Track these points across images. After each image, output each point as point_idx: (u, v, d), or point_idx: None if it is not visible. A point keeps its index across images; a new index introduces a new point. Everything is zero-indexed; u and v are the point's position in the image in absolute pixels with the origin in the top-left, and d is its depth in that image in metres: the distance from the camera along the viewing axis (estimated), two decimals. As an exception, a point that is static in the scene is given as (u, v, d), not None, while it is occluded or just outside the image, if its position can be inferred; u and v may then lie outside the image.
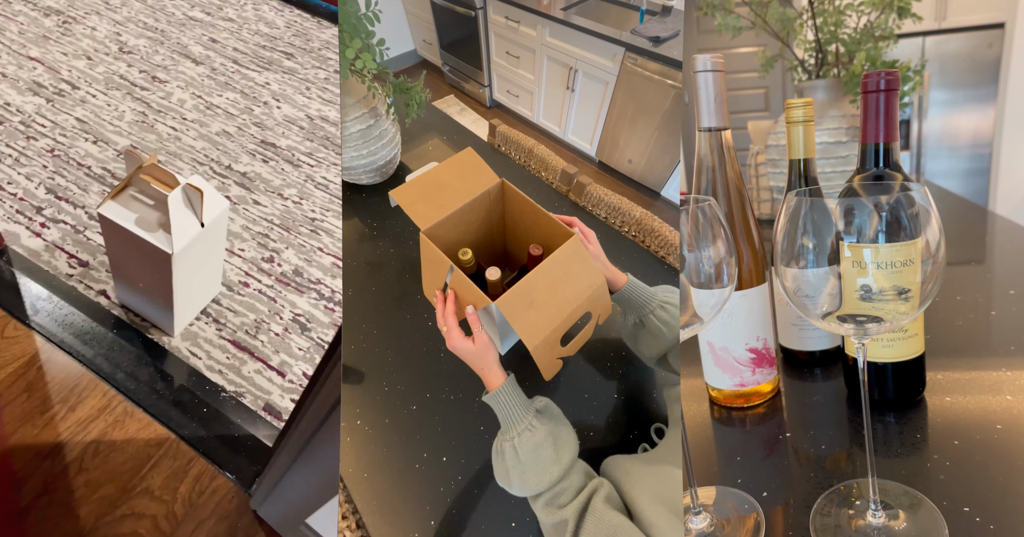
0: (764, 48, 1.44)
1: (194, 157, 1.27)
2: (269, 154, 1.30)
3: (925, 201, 0.52)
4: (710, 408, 0.82)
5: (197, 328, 1.01)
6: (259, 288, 1.04)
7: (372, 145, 1.17)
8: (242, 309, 1.02)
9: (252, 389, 0.96)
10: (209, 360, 0.98)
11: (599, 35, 1.91)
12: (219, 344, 0.99)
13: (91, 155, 1.24)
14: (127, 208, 0.86)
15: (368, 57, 1.04)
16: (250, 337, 1.00)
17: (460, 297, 0.77)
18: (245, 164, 1.26)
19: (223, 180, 1.21)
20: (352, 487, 0.79)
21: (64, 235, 1.09)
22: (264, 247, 1.11)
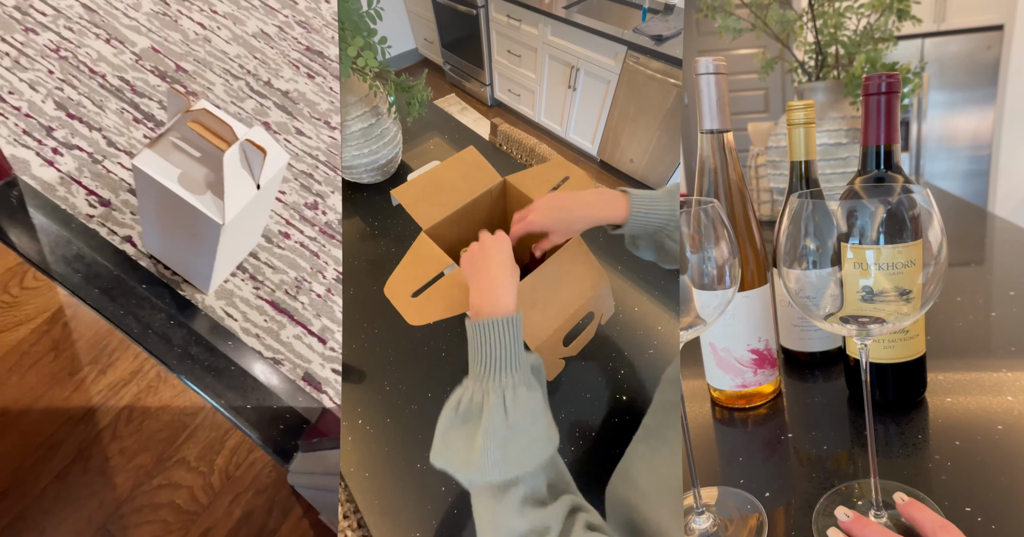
0: (764, 50, 1.44)
1: (227, 67, 1.04)
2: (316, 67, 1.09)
3: (927, 203, 0.52)
4: (712, 409, 0.82)
5: (233, 285, 0.90)
6: (300, 240, 0.93)
7: (373, 144, 1.17)
8: (281, 265, 0.91)
9: (291, 356, 0.87)
10: (246, 322, 0.88)
11: (601, 34, 1.91)
12: (256, 305, 0.89)
13: (104, 58, 1.01)
14: (168, 160, 0.71)
15: (370, 55, 1.04)
16: (290, 298, 0.90)
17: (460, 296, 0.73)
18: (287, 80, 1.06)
19: (261, 101, 1.03)
20: (353, 486, 0.79)
21: (80, 165, 0.92)
22: (308, 190, 0.97)
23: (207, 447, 1.55)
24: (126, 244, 0.90)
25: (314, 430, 0.87)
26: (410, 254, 0.79)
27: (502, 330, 0.55)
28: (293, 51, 1.12)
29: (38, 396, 1.55)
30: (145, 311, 0.87)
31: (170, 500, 1.49)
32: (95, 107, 0.98)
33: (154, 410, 1.58)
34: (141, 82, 1.02)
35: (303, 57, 1.12)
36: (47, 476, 1.47)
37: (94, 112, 0.98)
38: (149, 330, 0.86)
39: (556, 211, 0.71)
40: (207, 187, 0.71)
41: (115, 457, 1.52)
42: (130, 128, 0.98)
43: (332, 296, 0.94)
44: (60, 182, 0.92)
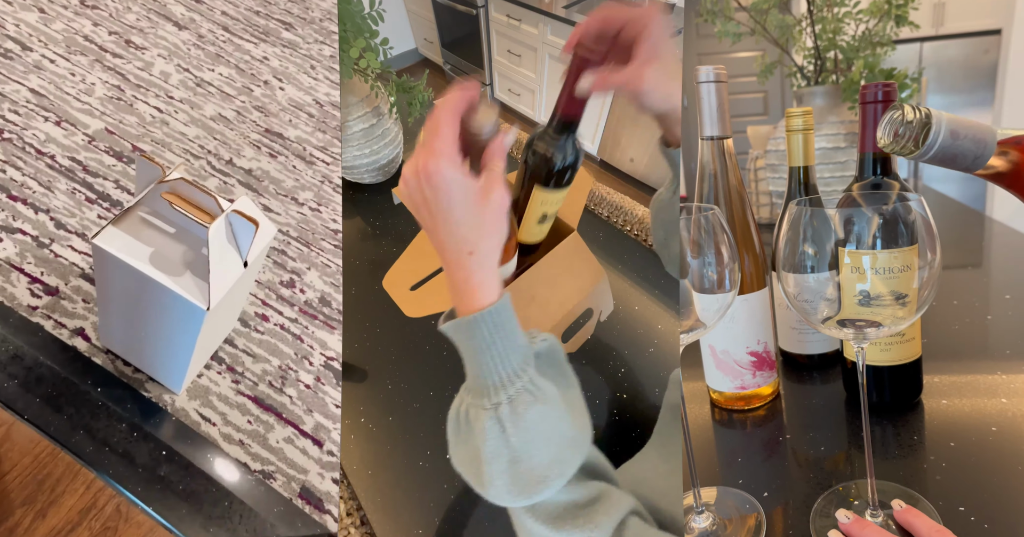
0: (763, 54, 1.46)
1: (186, 148, 0.98)
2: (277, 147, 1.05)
3: (922, 209, 0.53)
4: (711, 410, 0.83)
5: (208, 380, 0.76)
6: (280, 323, 0.84)
7: (375, 144, 1.18)
8: (262, 352, 0.80)
9: (283, 466, 0.74)
10: (226, 426, 0.75)
11: (601, 34, 1.91)
12: (237, 402, 0.76)
13: (53, 139, 0.92)
14: (136, 238, 0.61)
15: (372, 56, 1.04)
16: (275, 391, 0.78)
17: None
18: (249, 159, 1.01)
19: (224, 179, 0.97)
20: (356, 484, 0.80)
21: (23, 250, 0.81)
22: (282, 268, 0.89)
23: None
24: (77, 338, 0.77)
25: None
26: (410, 249, 0.78)
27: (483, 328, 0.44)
28: (253, 133, 1.07)
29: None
30: (100, 422, 0.71)
31: None
32: (42, 187, 0.88)
33: None
34: (95, 162, 0.93)
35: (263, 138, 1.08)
36: None
37: (40, 193, 0.88)
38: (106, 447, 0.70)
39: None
40: (185, 267, 0.62)
41: None
42: (82, 209, 0.88)
43: (322, 386, 0.84)
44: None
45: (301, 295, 0.90)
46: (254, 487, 0.73)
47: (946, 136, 0.46)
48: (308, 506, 0.75)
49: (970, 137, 0.47)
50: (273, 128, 1.10)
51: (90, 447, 0.70)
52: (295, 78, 1.19)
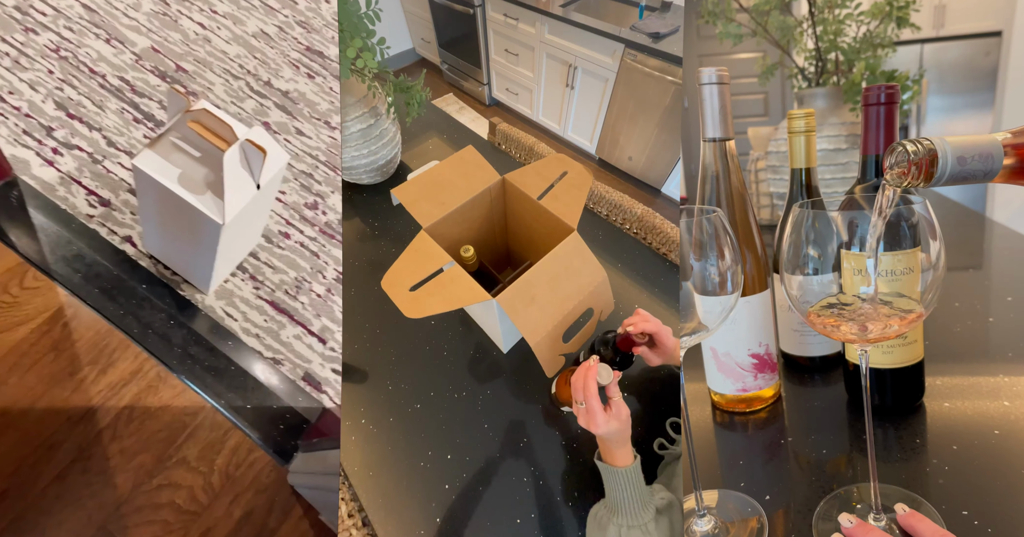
0: (764, 55, 1.46)
1: (227, 67, 1.03)
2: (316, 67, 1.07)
3: (925, 212, 0.53)
4: (712, 413, 0.83)
5: (233, 285, 0.88)
6: (300, 240, 0.92)
7: (373, 145, 1.18)
8: (281, 265, 0.90)
9: (291, 356, 0.86)
10: (246, 322, 0.87)
11: (598, 32, 1.91)
12: (256, 305, 0.88)
13: (104, 58, 0.99)
14: (168, 160, 0.70)
15: (369, 56, 1.04)
16: (290, 298, 0.89)
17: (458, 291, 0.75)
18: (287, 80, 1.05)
19: (261, 101, 1.02)
20: (357, 485, 0.80)
21: (80, 165, 0.90)
22: (308, 190, 0.96)
23: (207, 447, 1.55)
24: (126, 244, 0.90)
25: (314, 430, 0.87)
26: (409, 250, 0.80)
27: (621, 479, 0.66)
28: (293, 51, 1.12)
29: (38, 396, 1.54)
30: (145, 311, 0.87)
31: (170, 500, 1.49)
32: (95, 107, 0.98)
33: (154, 410, 1.57)
34: (141, 82, 1.02)
35: (303, 57, 1.11)
36: (47, 476, 1.47)
37: (94, 112, 0.97)
38: (149, 330, 0.86)
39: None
40: (207, 187, 0.71)
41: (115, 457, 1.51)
42: (130, 128, 0.98)
43: (332, 296, 0.93)
44: (60, 182, 0.92)
45: (323, 216, 0.98)
46: (265, 369, 0.87)
47: (954, 163, 0.46)
48: (309, 386, 0.88)
49: (977, 156, 0.47)
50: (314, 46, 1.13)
51: (136, 328, 0.85)
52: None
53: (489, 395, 0.89)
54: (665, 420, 0.82)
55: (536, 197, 0.87)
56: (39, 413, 1.53)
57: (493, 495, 0.78)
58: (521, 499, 0.77)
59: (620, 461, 0.67)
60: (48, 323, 1.61)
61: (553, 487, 0.78)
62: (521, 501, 0.77)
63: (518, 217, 0.94)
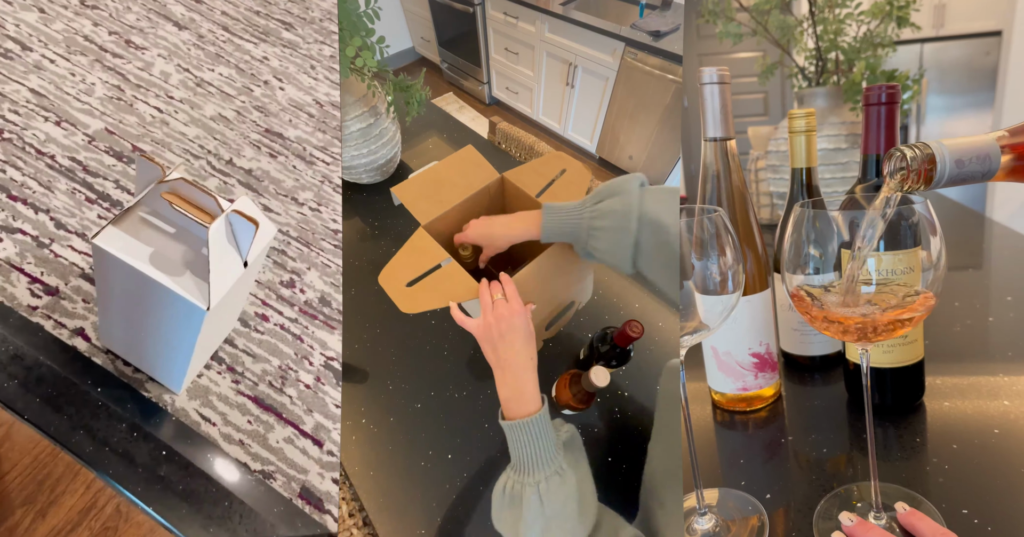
0: (764, 54, 1.46)
1: (186, 148, 0.98)
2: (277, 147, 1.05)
3: (926, 211, 0.53)
4: (713, 411, 0.83)
5: (208, 380, 0.76)
6: (280, 323, 0.83)
7: (372, 144, 1.18)
8: (262, 352, 0.80)
9: (283, 466, 0.74)
10: (226, 426, 0.75)
11: (599, 30, 1.91)
12: (237, 402, 0.76)
13: (53, 140, 0.92)
14: (136, 238, 0.61)
15: (368, 55, 1.04)
16: (275, 391, 0.78)
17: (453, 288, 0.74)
18: (249, 159, 1.02)
19: (225, 179, 0.97)
20: (358, 485, 0.80)
21: (23, 250, 0.81)
22: (282, 268, 0.89)
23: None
24: (77, 338, 0.77)
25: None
26: (407, 246, 0.79)
27: (532, 431, 0.61)
28: (252, 133, 1.07)
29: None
30: (100, 422, 0.72)
31: None
32: (42, 187, 0.89)
33: None
34: (94, 162, 0.94)
35: (263, 138, 1.07)
36: None
37: (40, 193, 0.89)
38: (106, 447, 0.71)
39: (483, 228, 0.80)
40: (185, 267, 0.63)
41: None
42: (82, 209, 0.89)
43: (322, 386, 0.84)
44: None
45: (301, 295, 0.90)
46: (254, 487, 0.73)
47: (952, 166, 0.47)
48: (308, 506, 0.75)
49: (974, 158, 0.47)
50: (273, 128, 1.10)
51: (90, 447, 0.70)
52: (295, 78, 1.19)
53: (490, 395, 0.89)
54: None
55: (535, 195, 0.87)
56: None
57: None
58: (522, 498, 0.77)
59: (529, 406, 0.62)
60: (-33, 450, 1.22)
61: (554, 486, 0.78)
62: (522, 500, 0.77)
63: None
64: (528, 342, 0.65)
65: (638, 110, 1.94)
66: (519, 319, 0.66)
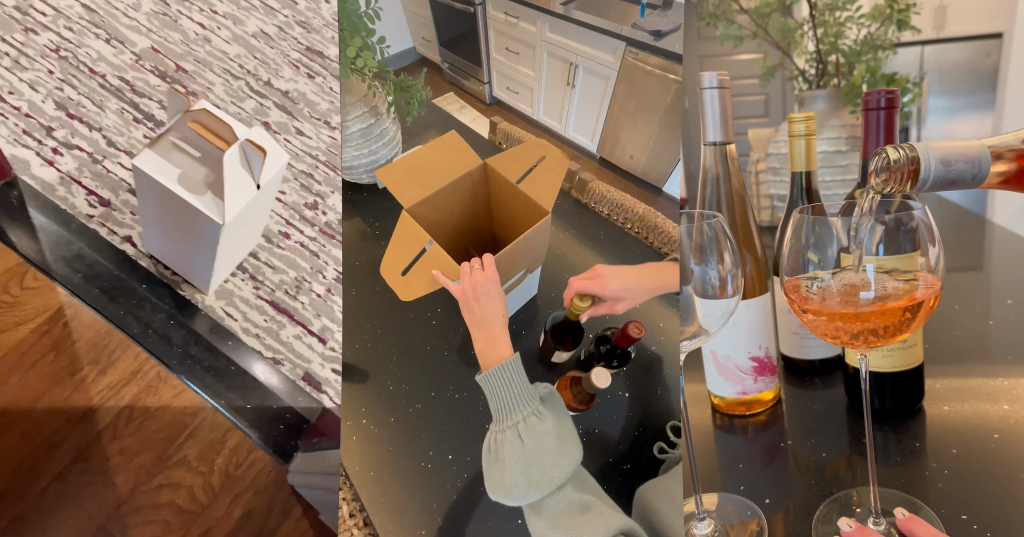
0: (765, 57, 1.46)
1: (226, 67, 1.03)
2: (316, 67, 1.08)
3: (925, 216, 0.53)
4: (712, 415, 0.83)
5: (233, 285, 0.88)
6: (300, 240, 0.92)
7: (373, 144, 1.18)
8: (281, 265, 0.90)
9: (291, 356, 0.86)
10: (246, 322, 0.86)
11: (600, 30, 1.91)
12: (256, 305, 0.88)
13: (104, 58, 0.98)
14: (168, 160, 0.71)
15: (369, 55, 1.04)
16: (290, 298, 0.89)
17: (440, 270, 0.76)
18: (287, 80, 1.05)
19: (261, 101, 1.02)
20: (359, 485, 0.80)
21: (80, 165, 0.90)
22: (308, 190, 0.96)
23: (207, 447, 1.55)
24: (126, 244, 0.90)
25: (314, 430, 0.87)
26: (396, 234, 0.81)
27: (506, 375, 0.64)
28: (293, 51, 1.12)
29: (38, 396, 1.54)
30: (145, 311, 0.87)
31: (170, 500, 1.49)
32: (95, 107, 0.98)
33: (154, 410, 1.57)
34: (141, 82, 1.02)
35: (303, 57, 1.12)
36: (47, 476, 1.47)
37: (94, 112, 0.97)
38: (149, 330, 0.86)
39: (625, 280, 0.75)
40: (207, 187, 0.71)
41: (115, 457, 1.51)
42: (130, 128, 0.98)
43: (332, 296, 0.94)
44: (60, 182, 0.92)
45: (323, 216, 0.99)
46: (265, 369, 0.87)
47: (938, 166, 0.47)
48: (309, 386, 0.88)
49: (962, 159, 0.47)
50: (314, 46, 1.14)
51: (136, 328, 0.86)
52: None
53: (490, 396, 0.89)
54: (665, 423, 0.82)
55: (515, 181, 0.88)
56: (39, 413, 1.53)
57: (494, 496, 0.78)
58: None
59: (502, 352, 0.66)
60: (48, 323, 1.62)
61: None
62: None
63: (499, 200, 0.96)
64: (500, 302, 0.70)
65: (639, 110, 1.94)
66: (492, 284, 0.71)
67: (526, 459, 0.59)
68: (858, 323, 0.53)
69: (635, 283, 0.74)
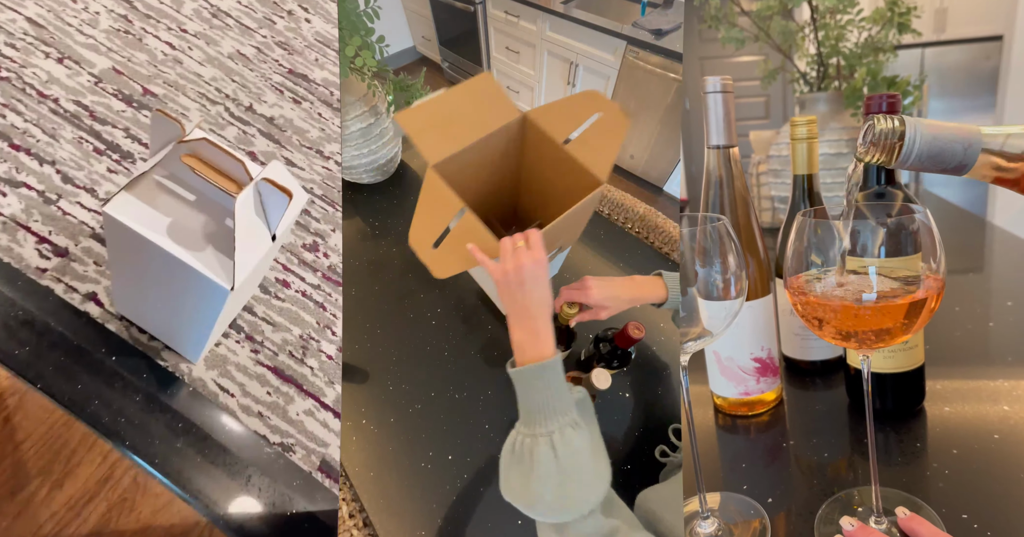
0: (766, 59, 1.46)
1: (202, 91, 0.87)
2: (301, 91, 0.95)
3: (926, 220, 0.54)
4: (715, 416, 0.84)
5: (225, 349, 0.73)
6: (302, 289, 0.78)
7: (373, 144, 1.18)
8: (283, 320, 0.76)
9: (303, 439, 0.72)
10: (245, 397, 0.72)
11: (600, 28, 1.91)
12: (256, 373, 0.72)
13: (56, 80, 0.84)
14: (152, 206, 0.55)
15: (368, 55, 1.04)
16: (296, 362, 0.74)
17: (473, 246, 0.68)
18: (271, 105, 0.92)
19: (244, 128, 0.88)
20: (359, 485, 0.80)
21: (28, 206, 0.74)
22: (306, 230, 0.82)
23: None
24: (89, 303, 0.71)
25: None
26: (422, 197, 0.70)
27: (546, 377, 0.57)
28: (275, 74, 0.98)
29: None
30: (115, 392, 0.69)
31: None
32: (46, 136, 0.81)
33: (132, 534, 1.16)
34: (102, 107, 0.85)
35: (286, 81, 0.98)
36: None
37: (45, 142, 0.80)
38: (121, 418, 0.68)
39: (609, 290, 0.75)
40: (206, 241, 0.56)
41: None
42: (90, 160, 0.82)
43: None
44: (2, 228, 0.74)
45: (325, 260, 0.85)
46: (273, 460, 0.71)
47: (924, 140, 0.46)
48: (328, 479, 0.73)
49: (951, 138, 0.47)
50: (297, 69, 1.00)
51: (106, 417, 0.68)
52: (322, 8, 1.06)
53: (490, 395, 0.89)
54: (666, 424, 0.83)
55: (561, 141, 0.77)
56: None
57: (494, 496, 0.78)
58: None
59: (544, 349, 0.58)
60: (-16, 419, 1.18)
61: (555, 488, 0.79)
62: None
63: (535, 163, 0.83)
64: (547, 289, 0.62)
65: (639, 109, 1.94)
66: (540, 268, 0.62)
67: (559, 476, 0.54)
68: (860, 324, 0.54)
69: (618, 293, 0.75)
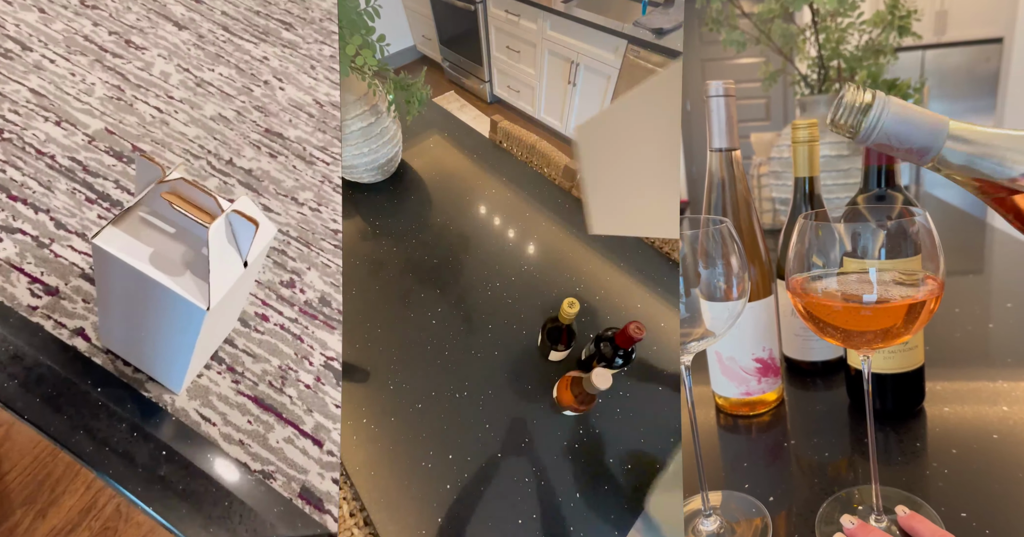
0: (767, 61, 1.47)
1: (186, 148, 0.99)
2: (277, 147, 1.05)
3: (926, 222, 0.54)
4: (716, 416, 0.84)
5: (207, 380, 0.76)
6: (280, 322, 0.83)
7: (373, 143, 1.18)
8: (262, 352, 0.80)
9: (283, 466, 0.74)
10: (226, 426, 0.74)
11: (601, 28, 1.91)
12: (237, 402, 0.76)
13: (53, 140, 0.92)
14: (136, 238, 0.63)
15: (368, 54, 1.04)
16: (275, 391, 0.77)
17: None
18: (250, 159, 1.01)
19: (224, 179, 0.97)
20: (359, 484, 0.81)
21: (23, 250, 0.82)
22: (282, 268, 0.89)
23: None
24: (77, 338, 0.77)
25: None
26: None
27: None
28: (253, 133, 1.07)
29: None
30: (100, 422, 0.72)
31: None
32: (42, 187, 0.89)
33: None
34: (94, 162, 0.94)
35: (263, 138, 1.07)
36: None
37: (40, 193, 0.89)
38: (106, 447, 0.71)
39: None
40: (185, 267, 0.62)
41: None
42: (82, 208, 0.89)
43: (322, 386, 0.84)
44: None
45: (301, 295, 0.90)
46: (254, 487, 0.74)
47: (889, 118, 0.46)
48: (308, 506, 0.75)
49: (916, 123, 0.47)
50: (273, 128, 1.10)
51: (90, 447, 0.71)
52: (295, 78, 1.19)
53: (490, 395, 0.90)
54: (667, 425, 0.84)
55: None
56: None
57: (494, 495, 0.79)
58: (522, 499, 0.78)
59: None
60: (-36, 451, 1.13)
61: (554, 487, 0.79)
62: (522, 501, 0.78)
63: None
64: None
65: (640, 109, 1.94)
66: None
67: None
68: (861, 325, 0.55)
69: None
